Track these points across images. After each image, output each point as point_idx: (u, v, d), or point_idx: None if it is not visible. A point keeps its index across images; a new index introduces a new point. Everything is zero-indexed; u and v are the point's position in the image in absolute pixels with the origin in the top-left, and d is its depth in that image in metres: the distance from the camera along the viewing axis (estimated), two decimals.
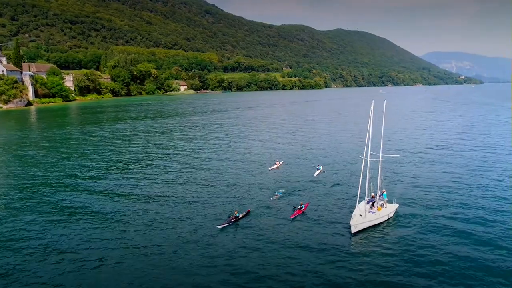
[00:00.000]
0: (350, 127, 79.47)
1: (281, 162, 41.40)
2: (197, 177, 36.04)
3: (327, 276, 18.11)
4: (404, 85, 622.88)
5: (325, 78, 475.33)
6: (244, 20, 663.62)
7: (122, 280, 18.12)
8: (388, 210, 25.06)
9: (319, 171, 37.47)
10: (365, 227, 23.17)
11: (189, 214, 26.27)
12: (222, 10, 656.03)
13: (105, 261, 19.93)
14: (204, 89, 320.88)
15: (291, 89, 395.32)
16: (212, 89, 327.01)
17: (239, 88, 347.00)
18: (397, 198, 27.28)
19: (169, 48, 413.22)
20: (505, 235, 22.49)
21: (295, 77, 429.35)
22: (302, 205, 26.63)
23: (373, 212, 24.21)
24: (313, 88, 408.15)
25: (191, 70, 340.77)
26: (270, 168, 39.44)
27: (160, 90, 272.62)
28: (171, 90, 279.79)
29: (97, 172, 39.34)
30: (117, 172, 39.70)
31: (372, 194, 25.68)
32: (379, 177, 25.45)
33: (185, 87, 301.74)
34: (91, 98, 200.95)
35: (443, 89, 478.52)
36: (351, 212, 25.85)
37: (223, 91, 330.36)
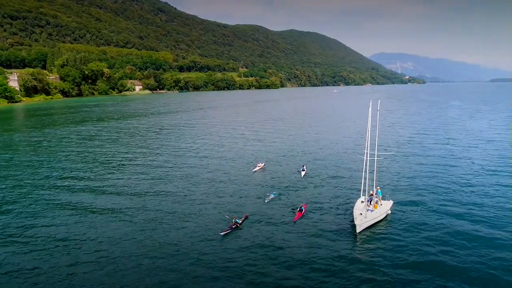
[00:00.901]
0: (322, 125, 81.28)
1: (263, 164, 40.86)
2: (181, 185, 34.06)
3: (340, 276, 18.30)
4: (355, 84, 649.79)
5: (281, 78, 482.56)
6: (199, 19, 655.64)
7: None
8: (385, 207, 25.63)
9: (304, 171, 37.45)
10: (368, 225, 23.54)
11: (185, 223, 24.97)
12: (175, 8, 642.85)
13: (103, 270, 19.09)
14: (160, 89, 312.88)
15: (248, 88, 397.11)
16: (168, 89, 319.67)
17: (196, 88, 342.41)
18: (389, 195, 28.10)
19: (121, 47, 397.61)
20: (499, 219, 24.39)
21: (252, 76, 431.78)
22: (302, 207, 26.49)
23: (371, 210, 24.64)
24: (269, 88, 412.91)
25: (146, 70, 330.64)
26: (254, 170, 38.84)
27: (113, 90, 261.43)
28: (125, 90, 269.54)
29: (56, 183, 35.62)
30: (86, 181, 37.68)
31: (371, 192, 26.12)
32: (375, 175, 25.99)
33: (140, 87, 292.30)
34: (39, 99, 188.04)
35: (392, 88, 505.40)
36: (348, 211, 26.41)
37: (180, 91, 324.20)
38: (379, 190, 26.53)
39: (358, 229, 22.93)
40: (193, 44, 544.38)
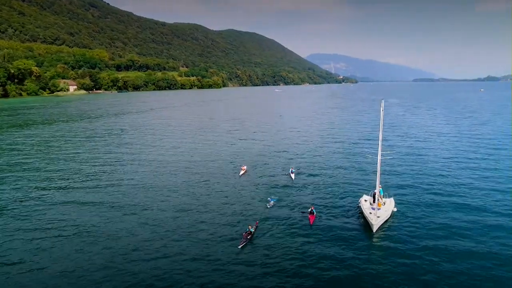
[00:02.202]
0: (285, 124, 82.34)
1: (245, 166, 39.65)
2: (167, 194, 31.82)
3: (366, 278, 18.62)
4: (294, 84, 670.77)
5: (223, 78, 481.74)
6: (134, 16, 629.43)
7: None
8: (390, 205, 26.15)
9: (293, 174, 36.70)
10: (381, 224, 23.86)
11: (197, 235, 23.42)
12: (108, 4, 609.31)
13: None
14: (97, 89, 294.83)
15: (190, 88, 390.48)
16: (106, 89, 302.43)
17: (136, 88, 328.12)
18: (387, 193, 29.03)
19: (49, 43, 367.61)
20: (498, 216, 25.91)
21: (193, 76, 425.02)
22: (313, 210, 26.20)
23: (378, 208, 25.01)
24: (212, 88, 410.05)
25: (80, 69, 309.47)
26: (240, 174, 37.61)
27: (44, 91, 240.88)
28: (58, 91, 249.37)
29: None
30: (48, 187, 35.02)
31: (375, 191, 26.64)
32: (378, 174, 26.44)
33: (75, 87, 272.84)
34: None
35: (330, 87, 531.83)
36: (353, 210, 27.02)
37: (119, 91, 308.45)
38: (380, 189, 27.06)
39: (375, 229, 23.11)
40: (129, 42, 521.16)
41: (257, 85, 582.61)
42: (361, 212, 26.26)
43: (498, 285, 17.95)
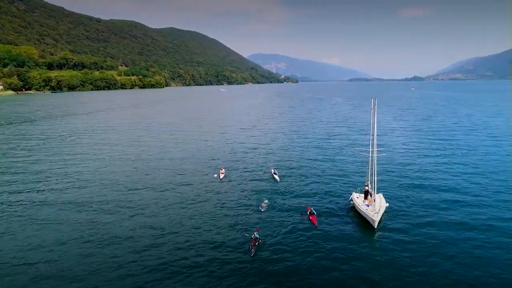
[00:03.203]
0: (246, 124, 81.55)
1: (223, 169, 38.22)
2: (157, 210, 28.63)
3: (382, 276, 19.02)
4: (238, 83, 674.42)
5: (165, 77, 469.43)
6: (66, 11, 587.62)
7: None
8: (382, 201, 26.87)
9: (276, 175, 36.24)
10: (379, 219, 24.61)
11: (202, 245, 22.32)
12: None
13: None
14: (26, 89, 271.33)
15: (131, 88, 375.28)
16: (37, 89, 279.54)
17: (72, 88, 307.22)
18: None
19: None
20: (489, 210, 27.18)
21: (134, 75, 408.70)
22: (313, 210, 26.31)
23: (370, 205, 25.89)
24: (154, 87, 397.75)
25: (6, 67, 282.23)
26: (221, 178, 36.11)
27: None
28: None
29: None
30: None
31: (366, 188, 27.37)
32: (369, 171, 27.18)
33: (1, 87, 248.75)
34: None
35: (274, 87, 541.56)
36: (346, 207, 27.81)
37: (52, 91, 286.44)
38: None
39: (376, 225, 23.73)
40: (61, 39, 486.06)
41: (200, 85, 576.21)
42: (356, 210, 26.75)
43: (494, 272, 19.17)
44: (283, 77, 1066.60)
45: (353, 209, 27.58)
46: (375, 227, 23.74)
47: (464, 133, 63.12)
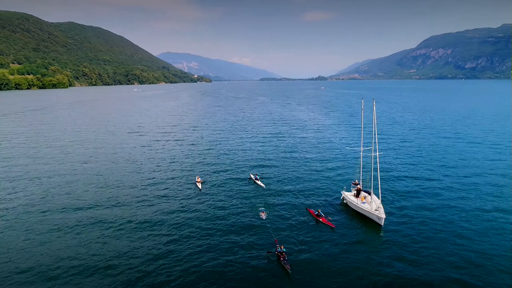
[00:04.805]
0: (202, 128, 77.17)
1: (199, 178, 36.20)
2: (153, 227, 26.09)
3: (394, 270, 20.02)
4: (150, 83, 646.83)
5: (68, 76, 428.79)
6: None
7: None
8: (374, 198, 27.47)
9: (258, 180, 35.20)
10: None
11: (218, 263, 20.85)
12: None
13: None
14: None
15: (28, 88, 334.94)
16: None
17: None
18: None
19: None
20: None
21: (30, 74, 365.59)
22: (320, 212, 26.27)
23: (364, 202, 26.79)
24: (56, 87, 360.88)
25: None
26: (199, 187, 34.01)
27: None
28: None
29: None
30: None
31: (358, 186, 27.97)
32: (361, 170, 28.02)
33: None
34: None
35: (191, 86, 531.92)
36: (339, 205, 28.40)
37: None
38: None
39: (383, 222, 24.49)
40: None
41: (109, 84, 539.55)
42: (354, 208, 27.27)
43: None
44: (196, 76, 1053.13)
45: (347, 207, 28.25)
46: (382, 224, 24.52)
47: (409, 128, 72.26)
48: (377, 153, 27.09)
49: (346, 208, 28.46)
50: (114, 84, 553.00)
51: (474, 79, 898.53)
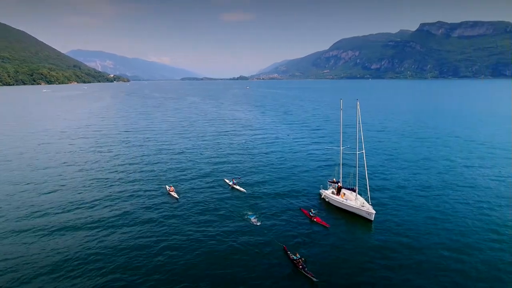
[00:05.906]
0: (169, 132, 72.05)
1: (172, 187, 34.48)
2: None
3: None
4: (59, 83, 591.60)
5: None
6: None
7: None
8: (357, 195, 28.50)
9: (236, 185, 34.43)
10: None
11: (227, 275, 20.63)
12: None
13: None
14: None
15: None
16: None
17: None
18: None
19: None
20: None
21: None
22: (313, 212, 26.56)
23: (347, 199, 27.90)
24: None
25: None
26: (175, 196, 32.36)
27: None
28: None
29: None
30: None
31: (339, 184, 28.79)
32: (341, 168, 28.96)
33: None
34: None
35: (109, 86, 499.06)
36: (326, 205, 29.04)
37: None
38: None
39: (373, 217, 25.67)
40: None
41: (10, 85, 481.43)
42: (338, 206, 28.06)
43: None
44: (112, 76, 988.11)
45: (329, 205, 29.18)
46: (372, 219, 26.00)
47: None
48: (363, 151, 27.94)
49: (329, 206, 29.32)
50: (17, 84, 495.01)
51: (379, 79, 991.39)
